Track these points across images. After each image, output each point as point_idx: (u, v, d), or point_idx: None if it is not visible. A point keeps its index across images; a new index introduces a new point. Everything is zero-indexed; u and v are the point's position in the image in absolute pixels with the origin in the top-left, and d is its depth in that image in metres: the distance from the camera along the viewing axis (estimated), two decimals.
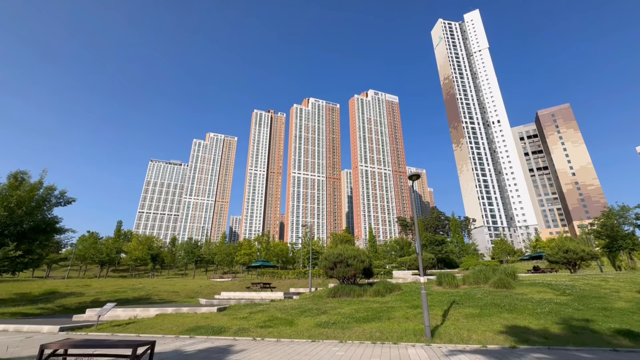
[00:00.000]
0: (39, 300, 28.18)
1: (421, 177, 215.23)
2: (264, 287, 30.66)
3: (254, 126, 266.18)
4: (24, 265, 20.61)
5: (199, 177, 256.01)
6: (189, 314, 17.90)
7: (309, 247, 67.79)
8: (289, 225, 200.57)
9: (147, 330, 14.30)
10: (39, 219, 21.35)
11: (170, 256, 70.98)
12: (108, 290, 32.73)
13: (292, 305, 19.07)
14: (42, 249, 22.59)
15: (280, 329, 13.40)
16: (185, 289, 35.17)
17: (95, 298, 28.19)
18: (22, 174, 21.33)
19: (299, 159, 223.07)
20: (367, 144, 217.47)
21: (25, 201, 20.38)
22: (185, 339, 12.50)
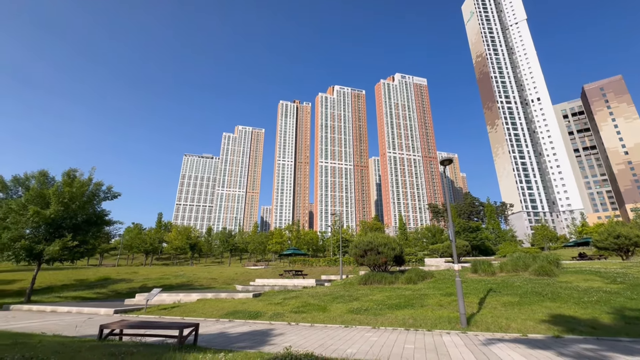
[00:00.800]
0: (94, 285, 31.06)
1: (453, 162, 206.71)
2: (296, 274, 31.47)
3: (280, 117, 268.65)
4: (81, 254, 22.78)
5: (229, 169, 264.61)
6: (227, 299, 18.87)
7: (338, 235, 68.23)
8: (318, 214, 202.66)
9: (190, 313, 15.31)
10: (90, 212, 23.40)
11: (207, 245, 74.88)
12: (153, 277, 35.27)
13: (324, 292, 19.47)
14: (95, 239, 24.77)
15: (313, 314, 13.78)
16: (222, 276, 37.00)
17: (143, 284, 30.54)
18: (73, 172, 23.36)
19: (326, 148, 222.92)
20: (395, 129, 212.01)
21: (77, 196, 22.34)
22: (225, 322, 13.26)
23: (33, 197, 21.23)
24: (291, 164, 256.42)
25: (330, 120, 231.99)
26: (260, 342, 9.03)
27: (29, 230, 21.38)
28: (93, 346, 6.29)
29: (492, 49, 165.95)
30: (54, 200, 20.98)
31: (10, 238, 19.98)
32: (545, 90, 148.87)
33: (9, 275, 35.53)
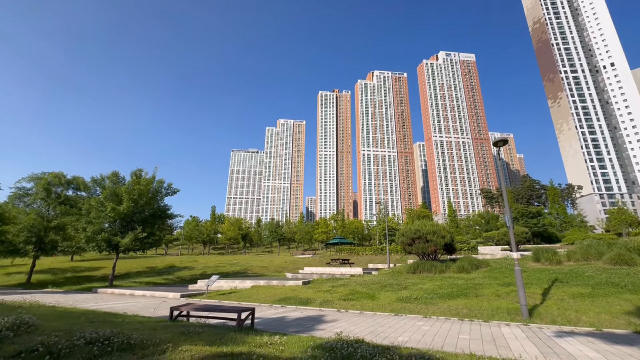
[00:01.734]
0: (162, 272, 34.61)
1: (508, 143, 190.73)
2: (343, 262, 31.85)
3: (320, 107, 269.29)
4: (149, 244, 25.57)
5: (274, 162, 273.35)
6: (278, 286, 19.81)
7: (384, 224, 67.33)
8: (362, 202, 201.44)
9: (245, 299, 16.38)
10: (155, 207, 26.04)
11: (257, 235, 78.98)
12: (211, 265, 38.24)
13: (371, 280, 19.51)
14: (160, 231, 27.57)
15: (362, 302, 13.92)
16: (273, 264, 38.80)
17: (203, 271, 33.30)
18: (140, 171, 26.10)
19: (368, 136, 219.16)
20: (440, 112, 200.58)
21: (144, 193, 24.95)
22: (277, 307, 13.98)
23: (109, 195, 24.18)
24: (333, 153, 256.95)
25: (371, 107, 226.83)
26: (312, 328, 9.39)
27: (107, 224, 24.46)
28: (166, 325, 7.08)
29: (552, 13, 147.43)
30: (125, 197, 23.71)
31: (93, 231, 23.13)
32: (622, 54, 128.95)
33: (94, 264, 41.05)
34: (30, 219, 27.14)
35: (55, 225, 28.22)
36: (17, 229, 26.32)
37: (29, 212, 28.21)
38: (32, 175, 29.53)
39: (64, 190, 30.28)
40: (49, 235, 28.24)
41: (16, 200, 29.27)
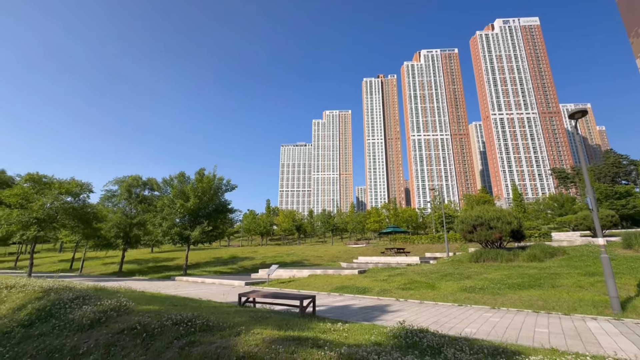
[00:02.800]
0: (227, 262, 37.53)
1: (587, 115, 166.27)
2: (398, 251, 31.22)
3: (365, 95, 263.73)
4: (215, 237, 27.93)
5: (322, 154, 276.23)
6: (334, 275, 20.19)
7: (439, 211, 64.15)
8: (415, 190, 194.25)
9: (304, 287, 17.01)
10: (217, 203, 28.28)
11: (310, 226, 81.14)
12: (269, 255, 40.38)
13: (430, 270, 18.84)
14: (223, 224, 29.87)
15: (421, 291, 13.54)
16: (327, 254, 39.60)
17: (262, 261, 35.35)
18: (202, 170, 28.49)
19: (417, 120, 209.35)
20: (499, 87, 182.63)
21: (207, 190, 27.19)
22: (335, 296, 14.28)
23: (177, 194, 26.81)
24: (381, 141, 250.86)
25: (420, 90, 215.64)
26: (372, 316, 9.42)
27: (178, 220, 27.21)
28: (237, 310, 7.70)
29: None
30: (191, 195, 26.09)
31: (168, 226, 25.97)
32: None
33: (170, 255, 46.06)
34: (117, 217, 31.36)
35: (137, 222, 32.19)
36: (108, 226, 30.60)
37: (116, 211, 32.59)
38: (116, 179, 33.95)
39: (142, 190, 34.33)
40: (132, 230, 32.35)
41: (105, 202, 33.95)
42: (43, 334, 5.58)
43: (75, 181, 27.04)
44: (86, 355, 4.71)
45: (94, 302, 6.68)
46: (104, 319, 5.70)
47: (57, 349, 5.02)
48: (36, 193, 25.40)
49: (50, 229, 26.31)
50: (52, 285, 8.22)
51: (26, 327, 5.99)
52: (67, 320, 5.85)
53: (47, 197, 24.88)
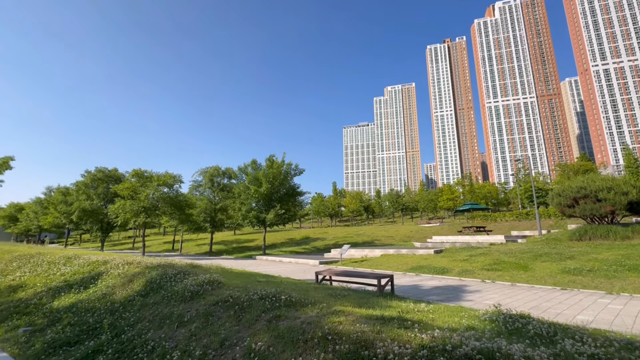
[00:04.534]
0: (300, 243, 39.48)
1: None
2: (478, 230, 28.73)
3: (430, 64, 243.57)
4: (287, 219, 29.53)
5: (385, 132, 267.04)
6: (408, 254, 19.53)
7: (526, 184, 56.70)
8: (493, 163, 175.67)
9: (377, 266, 16.84)
10: (288, 187, 29.65)
11: (377, 207, 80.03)
12: (340, 236, 41.15)
13: (519, 249, 16.84)
14: (294, 207, 31.31)
15: (511, 272, 12.18)
16: (398, 234, 38.62)
17: (334, 241, 36.23)
18: (272, 157, 30.02)
19: (493, 85, 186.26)
20: (602, 31, 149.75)
21: (277, 176, 28.63)
22: (412, 275, 13.77)
23: (251, 180, 28.82)
24: (450, 113, 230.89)
25: (495, 49, 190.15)
26: (455, 297, 8.77)
27: (254, 204, 29.36)
28: (315, 287, 7.89)
29: None
30: (264, 181, 27.78)
31: (246, 210, 28.29)
32: None
33: (249, 236, 50.46)
34: (204, 203, 35.31)
35: (220, 207, 35.77)
36: (197, 211, 34.68)
37: (202, 198, 36.67)
38: (201, 170, 38.02)
39: (222, 179, 37.84)
40: (217, 215, 36.11)
41: (193, 191, 38.40)
42: (156, 302, 6.48)
43: (169, 174, 31.12)
44: (190, 322, 5.29)
45: (192, 277, 7.52)
46: (201, 291, 6.36)
47: (167, 316, 5.77)
48: (141, 186, 30.00)
49: (154, 215, 31.03)
50: (159, 262, 9.55)
51: (143, 296, 7.05)
52: (172, 291, 6.69)
53: (149, 189, 29.22)
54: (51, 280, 9.71)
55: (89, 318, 6.58)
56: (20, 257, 12.88)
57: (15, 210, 59.20)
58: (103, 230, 36.80)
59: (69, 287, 8.80)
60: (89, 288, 8.48)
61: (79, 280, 9.17)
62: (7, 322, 7.54)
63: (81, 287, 8.65)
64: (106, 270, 9.44)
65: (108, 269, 9.54)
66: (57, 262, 11.38)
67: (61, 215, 37.42)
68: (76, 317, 6.78)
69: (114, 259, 10.68)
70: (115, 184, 34.69)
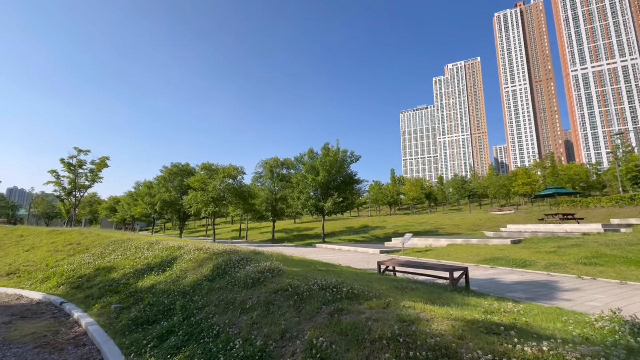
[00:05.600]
0: (359, 231, 39.04)
1: None
2: (565, 218, 24.90)
3: (498, 34, 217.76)
4: (345, 207, 29.29)
5: (447, 114, 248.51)
6: (479, 245, 17.74)
7: (628, 163, 47.39)
8: (580, 141, 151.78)
9: (444, 257, 15.56)
10: (344, 175, 29.29)
11: (440, 193, 75.13)
12: (400, 224, 39.59)
13: (625, 240, 14.00)
14: (351, 195, 30.86)
15: (618, 268, 10.10)
16: (465, 222, 35.67)
17: (394, 230, 34.99)
18: (327, 145, 29.85)
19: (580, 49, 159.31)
20: None
21: (333, 163, 28.39)
22: (486, 268, 12.35)
23: (308, 169, 29.08)
24: (524, 87, 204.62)
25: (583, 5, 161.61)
26: (547, 296, 7.46)
27: (312, 193, 29.68)
28: (378, 278, 7.38)
29: None
30: (320, 169, 27.80)
31: (305, 199, 28.75)
32: None
33: (308, 225, 51.66)
34: (265, 193, 36.94)
35: (280, 197, 37.05)
36: (259, 201, 36.44)
37: (263, 189, 38.39)
38: (261, 161, 39.75)
39: (280, 169, 39.09)
40: (277, 204, 37.52)
41: (255, 182, 40.43)
42: (221, 287, 6.66)
43: (232, 166, 33.13)
44: (251, 309, 5.24)
45: (254, 263, 7.60)
46: (262, 279, 6.32)
47: (231, 301, 5.84)
48: (209, 178, 32.46)
49: (222, 205, 33.44)
50: (225, 249, 9.98)
51: (210, 280, 7.34)
52: (236, 278, 6.81)
53: (216, 180, 31.46)
54: (137, 263, 10.85)
55: (165, 299, 7.06)
56: (114, 242, 14.73)
57: (114, 203, 69.50)
58: (180, 218, 41.05)
59: (150, 270, 9.69)
60: (165, 271, 9.22)
61: (158, 264, 10.05)
62: (102, 298, 8.57)
63: (160, 270, 9.45)
64: (180, 255, 10.18)
65: (182, 254, 10.28)
66: (142, 247, 12.70)
67: (147, 205, 42.71)
68: (154, 298, 7.34)
69: (187, 245, 11.52)
70: (187, 177, 38.22)
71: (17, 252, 15.63)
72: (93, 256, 13.21)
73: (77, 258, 13.51)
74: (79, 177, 40.72)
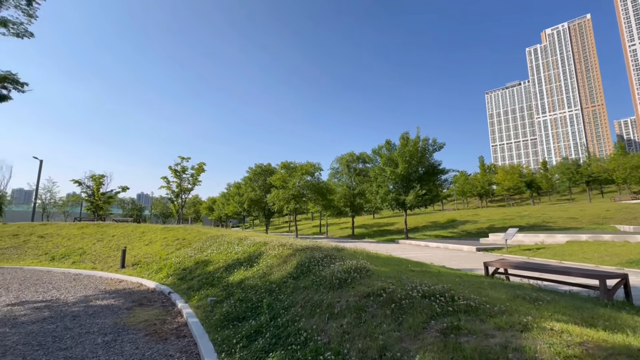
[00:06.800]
0: (446, 226, 35.70)
1: None
2: None
3: None
4: (430, 200, 26.89)
5: (547, 89, 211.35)
6: (616, 242, 13.97)
7: None
8: None
9: (565, 257, 12.64)
10: (427, 165, 26.90)
11: (544, 181, 63.89)
12: (496, 218, 34.80)
13: None
14: (435, 187, 28.23)
15: None
16: (585, 214, 29.29)
17: (489, 225, 30.88)
18: (406, 134, 27.87)
19: None
20: None
21: (414, 154, 26.31)
22: (638, 273, 9.41)
23: (386, 161, 27.60)
24: None
25: None
26: None
27: (391, 186, 28.12)
28: (490, 283, 5.99)
29: None
30: (400, 160, 26.07)
31: (384, 193, 27.41)
32: None
33: (388, 220, 49.75)
34: (343, 189, 36.73)
35: (357, 192, 36.35)
36: (337, 197, 36.38)
37: (341, 184, 38.26)
38: (337, 157, 39.74)
39: (357, 164, 38.37)
40: (356, 200, 36.91)
41: (332, 178, 40.58)
42: (306, 287, 6.25)
43: (310, 163, 33.79)
44: (340, 315, 4.61)
45: (338, 261, 7.02)
46: (349, 280, 5.67)
47: (317, 303, 5.34)
48: (289, 176, 33.71)
49: (302, 202, 34.42)
50: (307, 245, 9.72)
51: (295, 278, 7.04)
52: (320, 277, 6.32)
53: (295, 178, 32.47)
54: (228, 257, 11.45)
55: (252, 296, 7.01)
56: (211, 238, 16.10)
57: (211, 203, 78.93)
58: (266, 215, 43.92)
59: (240, 265, 10.03)
60: (253, 266, 9.38)
61: (246, 259, 10.37)
62: (201, 290, 9.15)
63: (247, 265, 9.69)
64: (265, 251, 10.32)
65: (267, 250, 10.42)
66: (233, 243, 13.47)
67: (237, 204, 46.96)
68: (243, 294, 7.40)
69: (272, 241, 11.71)
70: (269, 176, 40.58)
71: (140, 246, 18.44)
72: (194, 250, 14.62)
73: (182, 252, 15.16)
74: (183, 182, 47.10)
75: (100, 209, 46.78)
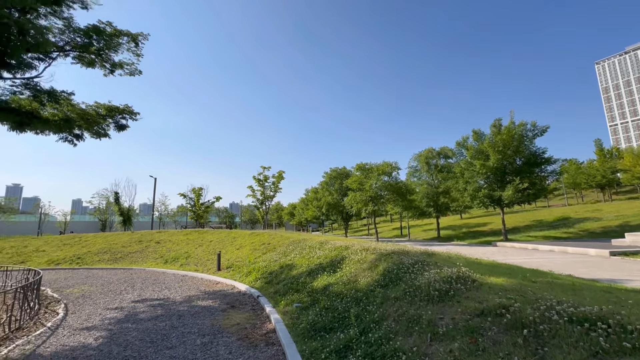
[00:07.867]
0: (555, 225, 29.97)
1: None
2: None
3: None
4: (534, 195, 22.78)
5: None
6: None
7: None
8: None
9: None
10: (526, 154, 22.89)
11: None
12: (628, 213, 27.75)
13: None
14: (541, 180, 23.83)
15: None
16: None
17: (621, 222, 24.70)
18: (498, 121, 24.38)
19: None
20: None
21: (508, 142, 22.73)
22: None
23: (474, 154, 24.53)
24: None
25: None
26: None
27: (482, 181, 24.84)
28: None
29: None
30: (491, 151, 22.83)
31: (473, 189, 24.36)
32: None
33: (480, 220, 44.47)
34: (424, 188, 34.20)
35: (442, 190, 33.37)
36: (419, 197, 34.01)
37: (421, 183, 35.73)
38: (414, 155, 37.35)
39: (437, 160, 35.35)
40: (440, 199, 33.95)
41: (411, 177, 38.23)
42: (397, 298, 5.52)
43: (386, 163, 32.43)
44: (447, 337, 3.77)
45: (433, 268, 6.09)
46: (451, 292, 4.75)
47: (413, 318, 4.57)
48: (365, 178, 32.93)
49: (380, 203, 33.21)
50: (392, 249, 8.91)
51: (383, 287, 6.35)
52: (414, 286, 5.52)
53: (372, 179, 31.52)
54: (311, 262, 11.35)
55: (338, 304, 6.57)
56: (293, 242, 16.45)
57: (292, 208, 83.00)
58: (344, 219, 43.85)
59: (322, 270, 9.77)
60: (336, 272, 9.00)
61: (328, 263, 10.07)
62: (287, 296, 9.14)
63: (330, 271, 9.35)
64: (347, 256, 9.85)
65: (349, 254, 9.94)
66: (314, 247, 13.42)
67: (315, 209, 48.10)
68: (329, 301, 7.01)
69: (354, 245, 11.19)
70: (345, 179, 40.41)
71: (232, 250, 20.04)
72: (278, 254, 15.08)
73: (268, 256, 15.83)
74: (266, 190, 50.49)
75: (200, 217, 53.36)
